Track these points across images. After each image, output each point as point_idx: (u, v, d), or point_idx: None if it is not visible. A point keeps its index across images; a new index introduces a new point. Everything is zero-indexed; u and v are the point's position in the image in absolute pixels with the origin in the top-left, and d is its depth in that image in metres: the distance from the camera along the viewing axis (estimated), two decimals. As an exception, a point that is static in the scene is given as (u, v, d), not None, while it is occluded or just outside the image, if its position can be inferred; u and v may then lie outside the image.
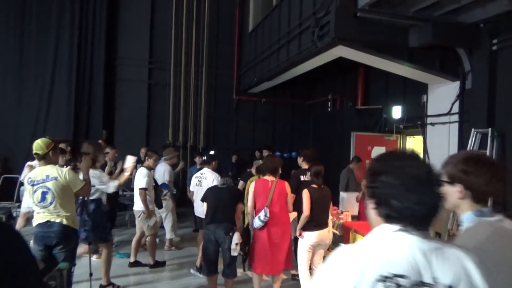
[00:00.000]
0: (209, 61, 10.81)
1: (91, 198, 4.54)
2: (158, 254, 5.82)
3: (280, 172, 4.50)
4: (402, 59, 5.87)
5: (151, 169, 5.64)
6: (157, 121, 10.45)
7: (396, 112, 7.71)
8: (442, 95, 6.46)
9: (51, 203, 3.48)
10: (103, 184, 4.52)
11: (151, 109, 10.47)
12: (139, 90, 10.35)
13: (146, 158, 5.69)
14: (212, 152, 8.80)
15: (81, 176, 3.81)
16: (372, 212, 1.21)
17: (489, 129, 5.37)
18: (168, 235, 6.53)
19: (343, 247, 1.18)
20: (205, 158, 6.30)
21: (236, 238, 4.18)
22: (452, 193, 1.55)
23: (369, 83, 8.96)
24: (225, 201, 4.33)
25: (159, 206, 5.75)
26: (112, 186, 4.53)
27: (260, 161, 5.56)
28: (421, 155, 5.64)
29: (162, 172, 6.41)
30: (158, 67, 10.52)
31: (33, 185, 3.49)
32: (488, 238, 1.41)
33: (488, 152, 5.31)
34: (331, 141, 8.88)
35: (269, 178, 4.38)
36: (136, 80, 10.29)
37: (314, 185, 4.30)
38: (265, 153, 7.99)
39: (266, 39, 8.78)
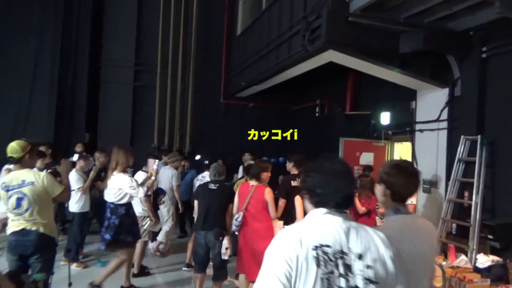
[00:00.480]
0: (197, 64, 10.65)
1: (121, 202, 4.54)
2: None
3: (263, 178, 4.48)
4: (393, 65, 5.83)
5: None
6: (142, 124, 10.22)
7: (385, 118, 7.69)
8: (431, 101, 6.44)
9: (26, 209, 3.26)
10: (132, 189, 4.46)
11: (136, 112, 10.24)
12: (125, 92, 10.12)
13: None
14: (198, 157, 8.68)
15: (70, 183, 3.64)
16: (306, 201, 1.63)
17: (479, 136, 5.36)
18: (160, 237, 6.33)
19: (285, 228, 1.59)
20: (206, 162, 6.24)
21: (226, 242, 4.19)
22: (378, 191, 1.98)
23: (358, 88, 8.94)
24: (216, 204, 4.32)
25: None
26: (141, 192, 4.51)
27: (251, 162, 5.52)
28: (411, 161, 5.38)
29: (170, 176, 6.24)
30: (144, 69, 10.31)
31: (7, 191, 3.27)
32: (398, 228, 1.86)
33: (477, 159, 5.30)
34: (319, 147, 8.81)
35: (251, 182, 4.43)
36: (122, 82, 10.06)
37: None
38: (247, 156, 7.91)
39: (255, 43, 8.68)
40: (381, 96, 8.13)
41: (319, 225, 1.49)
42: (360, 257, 1.46)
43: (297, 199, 4.16)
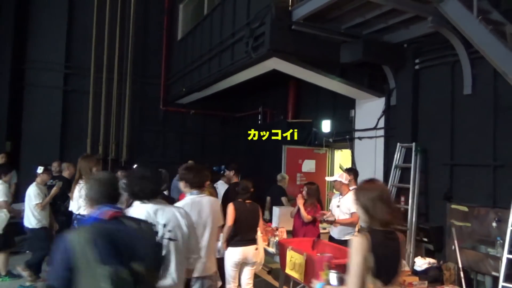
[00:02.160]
0: (134, 69, 10.12)
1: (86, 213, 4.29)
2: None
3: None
4: (334, 74, 5.98)
5: None
6: (73, 132, 9.44)
7: (326, 126, 7.87)
8: (369, 110, 6.70)
9: None
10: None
11: (66, 119, 9.42)
12: (53, 97, 9.28)
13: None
14: (135, 166, 8.15)
15: None
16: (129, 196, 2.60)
17: (413, 144, 5.64)
18: None
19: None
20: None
21: None
22: (181, 185, 3.28)
23: (300, 97, 9.07)
24: None
25: None
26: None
27: None
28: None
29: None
30: (75, 73, 9.55)
31: None
32: (189, 204, 3.10)
33: (412, 165, 5.57)
34: (262, 154, 8.77)
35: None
36: (49, 86, 9.22)
37: (240, 200, 4.26)
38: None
39: (196, 49, 8.46)
40: (322, 105, 8.32)
41: (138, 209, 2.45)
42: (164, 226, 2.41)
43: (230, 205, 4.19)
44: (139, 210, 2.41)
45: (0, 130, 8.52)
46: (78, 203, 4.44)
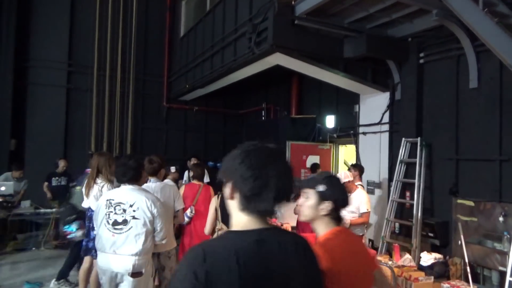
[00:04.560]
0: (137, 67, 10.12)
1: None
2: None
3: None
4: (337, 69, 5.94)
5: None
6: (77, 130, 9.46)
7: (330, 121, 7.83)
8: (373, 105, 6.66)
9: None
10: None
11: (69, 117, 9.44)
12: (56, 95, 9.29)
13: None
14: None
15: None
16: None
17: (418, 139, 5.60)
18: None
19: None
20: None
21: None
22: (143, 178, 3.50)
23: (303, 92, 9.03)
24: None
25: None
26: None
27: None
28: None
29: None
30: (78, 71, 9.55)
31: None
32: (153, 188, 3.63)
33: (417, 160, 5.53)
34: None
35: (196, 182, 4.89)
36: (53, 85, 9.23)
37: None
38: (193, 161, 7.72)
39: (199, 45, 8.43)
40: (325, 100, 8.28)
41: (116, 191, 3.01)
42: (131, 205, 2.84)
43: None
44: (120, 190, 2.98)
45: (4, 128, 8.53)
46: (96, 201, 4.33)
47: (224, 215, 4.33)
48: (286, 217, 5.74)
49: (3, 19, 8.56)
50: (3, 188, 6.27)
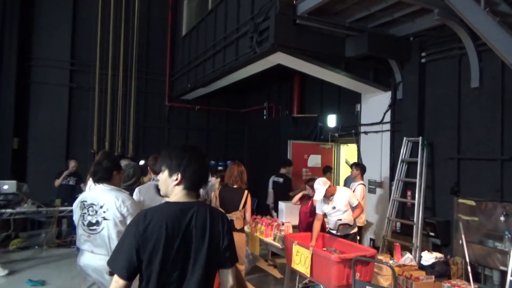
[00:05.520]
0: (139, 65, 10.14)
1: None
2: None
3: None
4: (339, 68, 5.94)
5: None
6: (79, 129, 9.49)
7: (331, 120, 7.83)
8: (375, 104, 6.66)
9: None
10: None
11: (72, 115, 9.48)
12: (58, 94, 9.32)
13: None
14: (142, 162, 8.26)
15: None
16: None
17: (420, 138, 5.60)
18: None
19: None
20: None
21: None
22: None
23: (305, 91, 9.04)
24: None
25: None
26: None
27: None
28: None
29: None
30: (80, 70, 9.58)
31: None
32: (142, 188, 3.54)
33: (419, 159, 5.53)
34: (267, 150, 8.76)
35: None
36: (55, 83, 9.25)
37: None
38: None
39: (201, 44, 8.44)
40: (327, 99, 8.28)
41: (89, 192, 2.97)
42: (101, 207, 2.80)
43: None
44: (93, 191, 2.93)
45: (7, 126, 8.57)
46: None
47: (222, 203, 4.37)
48: (288, 216, 5.76)
49: (6, 19, 8.59)
50: (5, 187, 6.30)
